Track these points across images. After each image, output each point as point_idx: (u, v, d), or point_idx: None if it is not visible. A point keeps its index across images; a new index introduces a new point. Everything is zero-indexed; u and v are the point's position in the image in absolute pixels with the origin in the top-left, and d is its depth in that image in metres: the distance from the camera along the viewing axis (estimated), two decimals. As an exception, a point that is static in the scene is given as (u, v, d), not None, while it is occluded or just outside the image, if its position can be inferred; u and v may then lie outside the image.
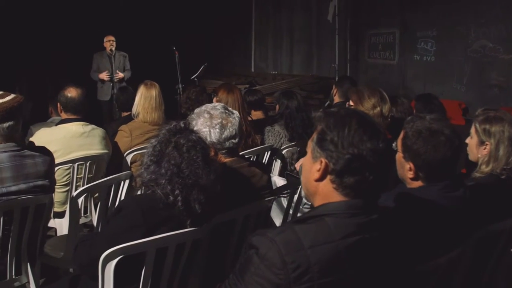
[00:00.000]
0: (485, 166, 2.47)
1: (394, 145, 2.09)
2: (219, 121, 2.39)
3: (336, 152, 1.44)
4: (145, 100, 4.01)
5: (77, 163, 3.38)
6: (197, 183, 1.95)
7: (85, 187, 2.93)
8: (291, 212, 3.02)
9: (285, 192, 3.01)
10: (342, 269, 1.39)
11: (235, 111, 2.52)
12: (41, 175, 2.64)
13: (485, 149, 2.48)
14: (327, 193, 1.48)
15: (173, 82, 7.11)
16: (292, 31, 9.79)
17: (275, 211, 3.17)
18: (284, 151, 4.03)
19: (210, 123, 2.39)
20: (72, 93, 3.52)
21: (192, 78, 7.55)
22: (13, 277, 2.64)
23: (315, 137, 1.51)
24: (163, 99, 4.14)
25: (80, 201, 2.86)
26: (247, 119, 4.05)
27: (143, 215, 1.94)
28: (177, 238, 1.97)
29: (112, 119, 6.62)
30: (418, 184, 2.01)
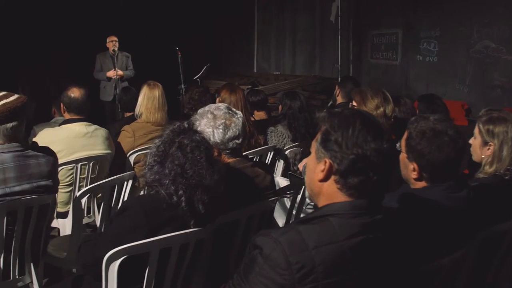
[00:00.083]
0: (488, 166, 2.48)
1: (397, 145, 2.10)
2: (223, 121, 2.39)
3: (340, 152, 1.44)
4: (148, 100, 4.01)
5: (80, 164, 3.39)
6: (201, 183, 1.96)
7: (88, 187, 2.93)
8: (294, 212, 3.02)
9: (288, 192, 3.01)
10: (346, 270, 1.39)
11: (238, 112, 2.51)
12: (44, 175, 2.64)
13: (489, 149, 2.48)
14: (331, 193, 1.48)
15: (175, 82, 7.10)
16: (294, 32, 9.78)
17: (278, 212, 3.17)
18: (287, 152, 4.03)
19: (213, 123, 2.38)
20: (75, 93, 3.54)
21: (194, 78, 7.53)
22: (17, 277, 2.64)
23: (319, 138, 1.51)
24: (166, 100, 4.14)
25: (83, 201, 2.86)
26: (250, 119, 4.04)
27: (146, 215, 1.95)
28: (180, 238, 1.97)
29: (115, 119, 6.61)
30: (422, 184, 2.01)
